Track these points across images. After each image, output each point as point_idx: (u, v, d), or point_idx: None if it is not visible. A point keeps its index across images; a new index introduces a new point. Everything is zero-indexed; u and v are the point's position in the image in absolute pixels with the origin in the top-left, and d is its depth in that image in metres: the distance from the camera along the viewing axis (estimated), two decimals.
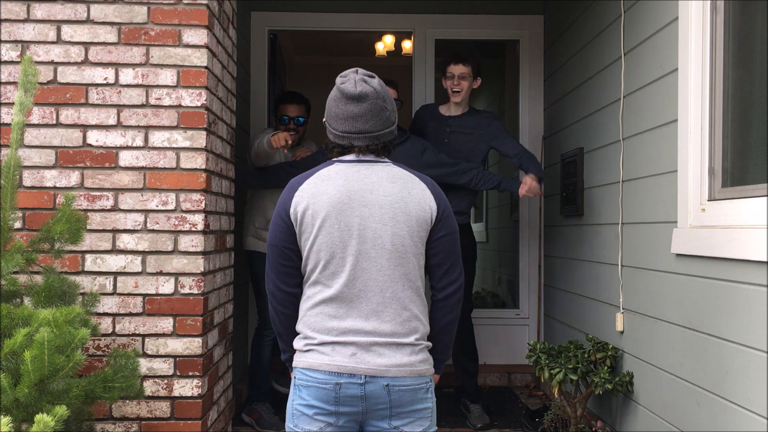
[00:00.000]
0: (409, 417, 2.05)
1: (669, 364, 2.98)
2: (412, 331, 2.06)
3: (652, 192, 3.20)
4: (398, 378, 2.01)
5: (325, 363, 2.01)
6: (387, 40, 7.14)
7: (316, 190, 2.06)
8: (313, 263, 2.07)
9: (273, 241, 2.12)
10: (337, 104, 2.10)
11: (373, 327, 2.02)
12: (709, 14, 2.76)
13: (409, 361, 2.04)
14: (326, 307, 2.05)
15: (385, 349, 2.02)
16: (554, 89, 5.00)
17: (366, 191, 2.06)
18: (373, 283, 2.03)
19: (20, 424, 2.19)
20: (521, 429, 4.11)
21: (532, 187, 3.99)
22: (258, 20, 5.31)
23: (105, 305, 2.98)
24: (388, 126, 2.12)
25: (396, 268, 2.05)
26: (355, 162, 2.11)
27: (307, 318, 2.08)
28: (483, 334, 5.15)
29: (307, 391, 2.03)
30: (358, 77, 2.09)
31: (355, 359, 2.00)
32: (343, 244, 2.03)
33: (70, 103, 3.01)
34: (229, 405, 3.66)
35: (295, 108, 4.25)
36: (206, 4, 3.03)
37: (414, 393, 2.04)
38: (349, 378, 2.00)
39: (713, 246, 2.56)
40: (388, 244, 2.04)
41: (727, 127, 2.72)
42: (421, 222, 2.08)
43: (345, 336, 2.02)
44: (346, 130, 2.09)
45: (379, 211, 2.04)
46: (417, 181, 2.13)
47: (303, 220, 2.05)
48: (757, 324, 2.29)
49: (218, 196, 3.30)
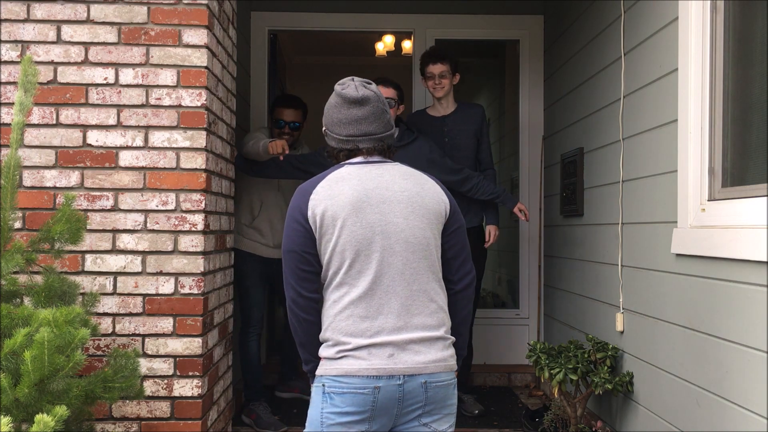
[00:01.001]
0: (440, 413, 2.06)
1: (669, 364, 2.98)
2: (440, 323, 2.08)
3: (652, 192, 3.19)
4: (435, 374, 2.03)
5: (363, 368, 1.99)
6: (387, 40, 7.13)
7: (331, 192, 2.07)
8: (337, 264, 2.05)
9: (291, 246, 2.10)
10: (338, 110, 2.12)
11: (405, 322, 2.03)
12: (709, 14, 2.76)
13: (443, 356, 2.06)
14: (356, 308, 2.03)
15: (420, 346, 2.03)
16: (554, 89, 5.00)
17: (382, 188, 2.08)
18: (400, 277, 2.04)
19: (20, 424, 2.19)
20: (521, 429, 4.11)
21: (527, 212, 4.34)
22: (258, 20, 5.31)
23: (105, 305, 2.98)
24: (389, 128, 2.16)
25: (421, 261, 2.07)
26: (365, 163, 2.13)
27: (336, 323, 2.05)
28: (483, 334, 5.15)
29: (341, 399, 1.99)
30: (358, 83, 2.13)
31: (393, 360, 2.00)
32: (368, 242, 2.04)
33: (70, 103, 3.01)
34: (229, 405, 3.66)
35: (291, 113, 4.23)
36: (206, 4, 3.03)
37: (446, 389, 2.06)
38: (387, 380, 1.98)
39: (713, 246, 2.56)
40: (411, 237, 2.06)
41: (727, 127, 2.71)
42: (438, 215, 2.12)
43: (379, 336, 2.01)
44: (351, 133, 2.11)
45: (399, 207, 2.07)
46: (426, 178, 2.18)
47: (323, 222, 2.04)
48: (757, 324, 2.29)
49: (218, 196, 3.30)
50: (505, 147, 6.71)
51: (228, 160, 3.55)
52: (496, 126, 7.17)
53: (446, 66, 4.29)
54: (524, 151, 5.39)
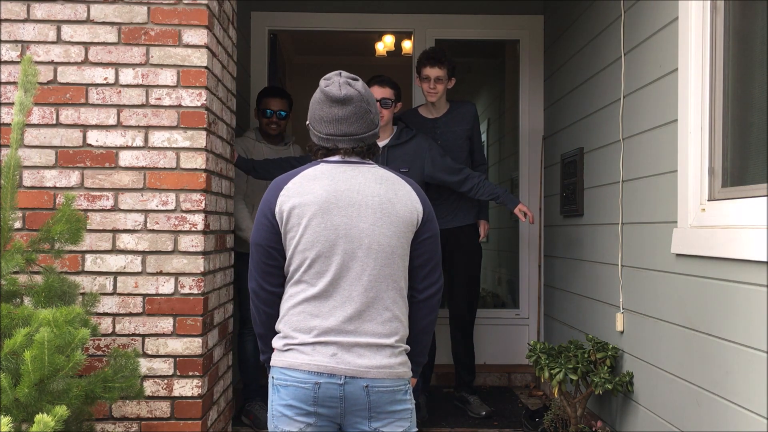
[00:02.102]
0: (389, 418, 2.05)
1: (669, 364, 2.98)
2: (392, 332, 2.07)
3: (652, 192, 3.20)
4: (377, 379, 2.02)
5: (305, 362, 2.01)
6: (387, 40, 7.13)
7: (302, 189, 2.06)
8: (297, 262, 2.06)
9: (257, 239, 2.12)
10: (321, 107, 2.10)
11: (355, 327, 2.03)
12: (709, 14, 2.76)
13: (389, 363, 2.04)
14: (309, 306, 2.04)
15: (365, 351, 2.02)
16: (554, 89, 5.00)
17: (353, 191, 2.06)
18: (358, 283, 2.03)
19: (20, 424, 2.19)
20: (521, 429, 4.11)
21: (530, 214, 4.03)
22: (258, 20, 5.31)
23: (105, 305, 2.98)
24: (372, 128, 2.12)
25: (382, 269, 2.05)
26: (341, 163, 2.11)
27: (288, 317, 2.08)
28: (483, 334, 5.15)
29: (286, 391, 2.03)
30: (342, 80, 2.10)
31: (335, 359, 2.00)
32: (330, 244, 2.03)
33: (70, 103, 3.01)
34: (229, 405, 3.66)
35: (278, 102, 4.35)
36: (206, 4, 3.03)
37: (392, 394, 2.05)
38: (328, 378, 1.99)
39: (713, 246, 2.56)
40: (375, 244, 2.04)
41: (727, 127, 2.71)
42: (407, 223, 2.09)
43: (326, 336, 2.02)
44: (331, 132, 2.09)
45: (367, 212, 2.05)
46: (403, 183, 2.14)
47: (289, 219, 2.05)
48: (757, 324, 2.29)
49: (218, 196, 3.30)
50: (505, 147, 6.71)
51: (228, 160, 3.55)
52: (496, 126, 7.17)
53: (443, 71, 4.25)
54: (524, 151, 5.39)
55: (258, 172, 4.10)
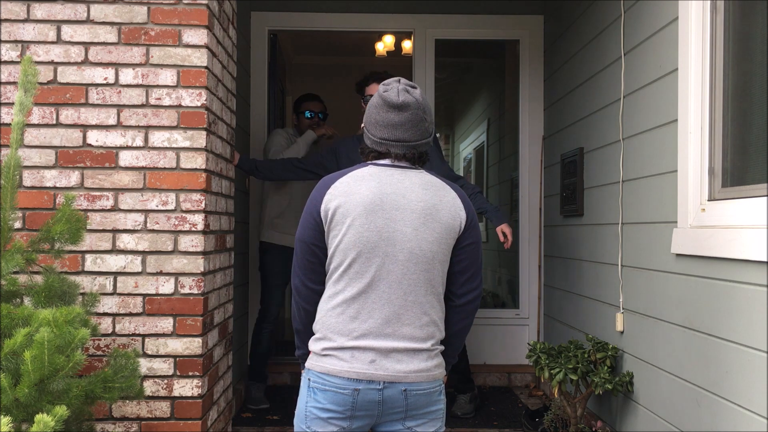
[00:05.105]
0: (423, 418, 2.08)
1: (669, 364, 2.98)
2: (429, 336, 2.08)
3: (652, 192, 3.20)
4: (415, 383, 2.04)
5: (344, 369, 2.02)
6: (387, 40, 7.13)
7: (348, 189, 2.07)
8: (338, 261, 2.07)
9: (301, 237, 2.13)
10: (378, 111, 2.11)
11: (393, 330, 2.04)
12: (709, 14, 2.76)
13: (426, 367, 2.06)
14: (348, 308, 2.05)
15: (403, 356, 2.04)
16: (554, 89, 5.00)
17: (399, 195, 2.07)
18: (397, 285, 2.04)
19: (20, 424, 2.19)
20: (521, 429, 4.11)
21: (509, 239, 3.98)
22: (258, 20, 5.31)
23: (105, 305, 2.98)
24: (425, 137, 2.13)
25: (421, 273, 2.06)
26: (390, 166, 2.12)
27: (326, 318, 2.08)
28: (483, 334, 5.15)
29: (323, 395, 2.03)
30: (401, 87, 2.11)
31: (374, 366, 2.02)
32: (372, 245, 2.03)
33: (70, 103, 3.01)
34: (229, 405, 3.66)
35: (318, 104, 4.78)
36: (206, 4, 3.03)
37: (429, 396, 2.08)
38: (367, 384, 2.01)
39: (713, 246, 2.56)
40: (417, 248, 2.05)
41: (727, 127, 2.71)
42: (450, 230, 2.09)
43: (365, 339, 2.03)
44: (385, 137, 2.10)
45: (411, 216, 2.06)
46: (448, 189, 2.14)
47: (334, 217, 2.06)
48: (757, 324, 2.29)
49: (218, 196, 3.30)
50: (505, 147, 6.71)
51: (228, 160, 3.55)
52: (496, 126, 7.17)
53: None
54: (524, 151, 5.39)
55: (261, 172, 4.12)
